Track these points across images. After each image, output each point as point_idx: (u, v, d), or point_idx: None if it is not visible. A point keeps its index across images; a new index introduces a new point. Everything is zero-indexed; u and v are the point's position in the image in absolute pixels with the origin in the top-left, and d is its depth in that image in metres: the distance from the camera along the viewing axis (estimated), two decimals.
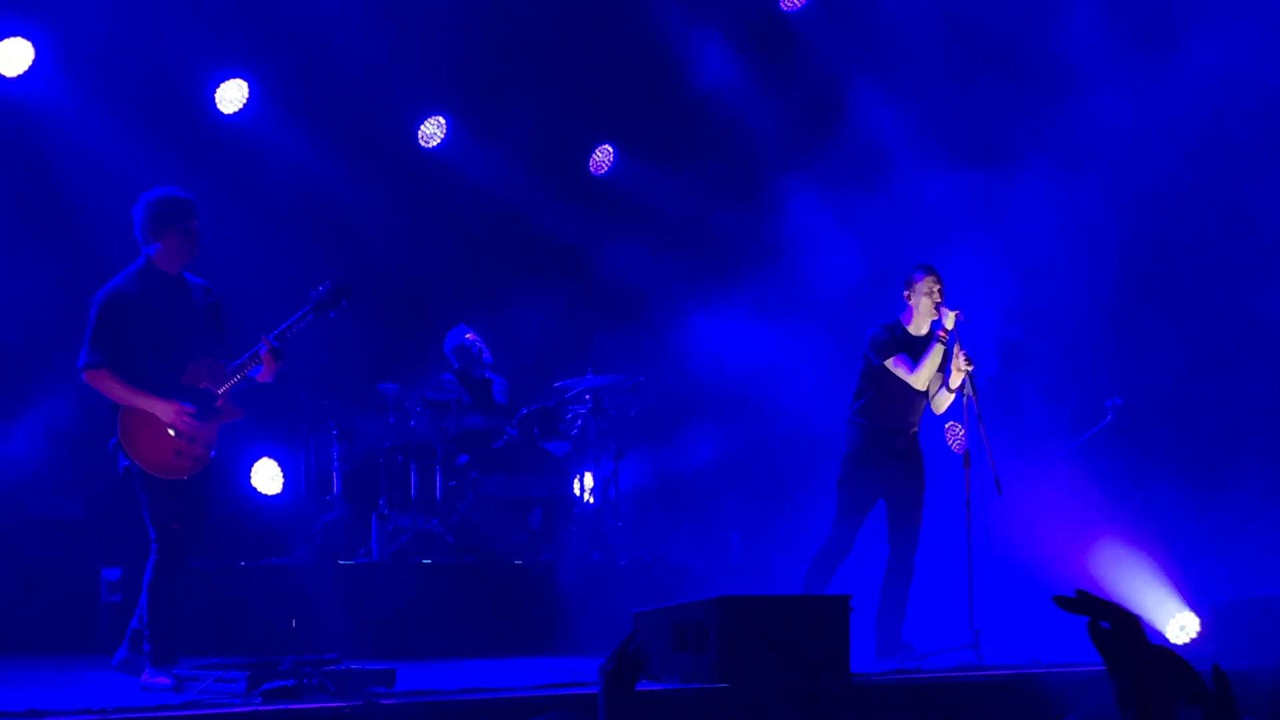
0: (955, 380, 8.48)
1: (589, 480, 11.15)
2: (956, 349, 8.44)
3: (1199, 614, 8.84)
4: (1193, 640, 8.78)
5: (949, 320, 8.44)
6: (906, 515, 8.58)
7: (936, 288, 8.53)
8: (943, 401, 8.67)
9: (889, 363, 8.53)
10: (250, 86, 11.05)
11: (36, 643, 8.95)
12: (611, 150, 13.14)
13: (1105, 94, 10.99)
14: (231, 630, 8.46)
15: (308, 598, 8.78)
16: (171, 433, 6.91)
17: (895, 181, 11.36)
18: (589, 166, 13.10)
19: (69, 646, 8.90)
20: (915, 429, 8.70)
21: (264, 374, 7.13)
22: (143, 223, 7.11)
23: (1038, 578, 9.69)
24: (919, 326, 8.62)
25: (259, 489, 10.74)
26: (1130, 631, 2.26)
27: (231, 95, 11.00)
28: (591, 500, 11.08)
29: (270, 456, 10.76)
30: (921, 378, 8.52)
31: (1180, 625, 8.86)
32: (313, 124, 11.34)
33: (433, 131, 12.29)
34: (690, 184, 12.36)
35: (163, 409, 6.89)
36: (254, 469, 10.74)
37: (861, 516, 8.60)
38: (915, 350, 8.55)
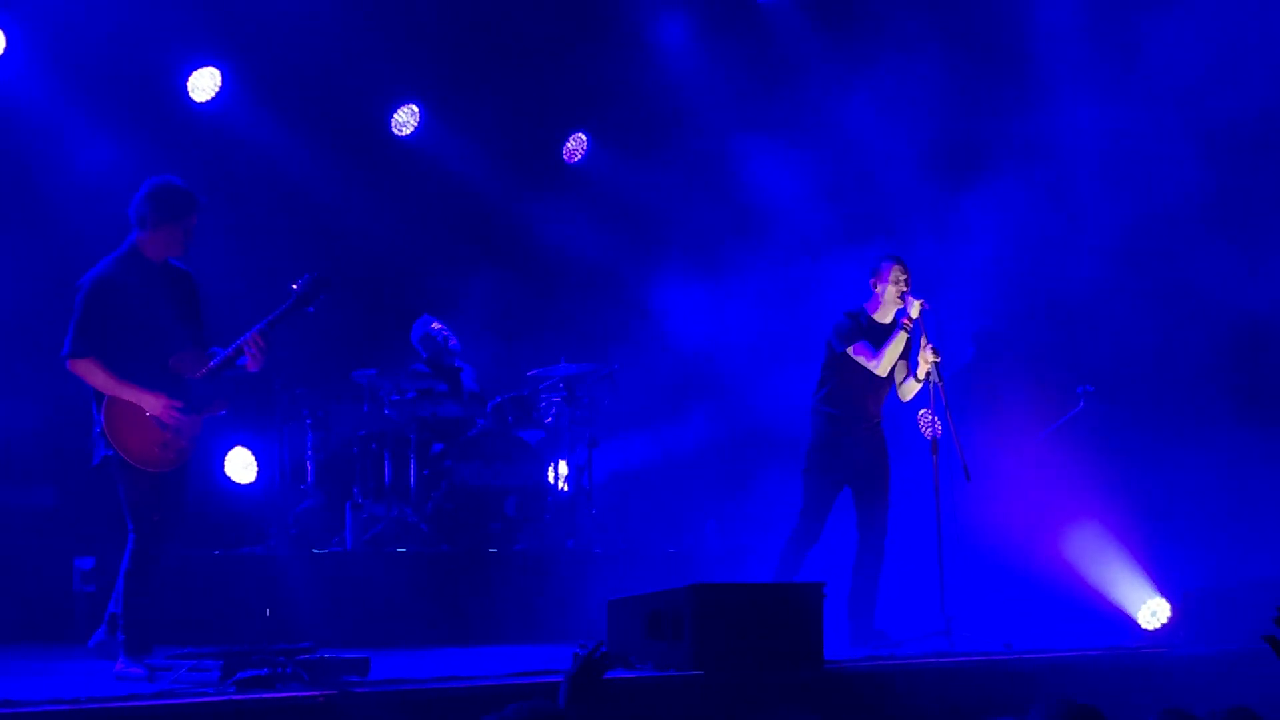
0: (923, 371, 8.52)
1: (563, 468, 11.16)
2: (924, 339, 8.47)
3: (1171, 600, 8.88)
4: (1164, 626, 8.82)
5: (914, 309, 8.48)
6: (873, 502, 8.61)
7: (903, 277, 8.58)
8: (909, 390, 8.71)
9: (850, 349, 8.56)
10: (223, 75, 11.01)
11: (9, 633, 8.89)
12: (585, 139, 13.13)
13: (1083, 84, 11.01)
14: (205, 619, 8.41)
15: (282, 587, 8.75)
16: (157, 425, 6.86)
17: (868, 164, 11.37)
18: (563, 154, 13.09)
19: (42, 636, 8.85)
20: (878, 418, 8.74)
21: (252, 363, 7.02)
22: (148, 209, 6.99)
23: (1010, 565, 9.74)
24: (884, 315, 8.66)
25: (233, 478, 10.70)
26: None
27: (204, 84, 10.96)
28: (566, 488, 11.08)
29: (244, 445, 10.71)
30: (883, 365, 8.56)
31: (1152, 611, 8.90)
32: (286, 112, 11.30)
33: (406, 120, 12.26)
34: (662, 170, 12.35)
35: (150, 402, 6.83)
36: (228, 458, 10.69)
37: (828, 505, 8.64)
38: (879, 338, 8.58)
